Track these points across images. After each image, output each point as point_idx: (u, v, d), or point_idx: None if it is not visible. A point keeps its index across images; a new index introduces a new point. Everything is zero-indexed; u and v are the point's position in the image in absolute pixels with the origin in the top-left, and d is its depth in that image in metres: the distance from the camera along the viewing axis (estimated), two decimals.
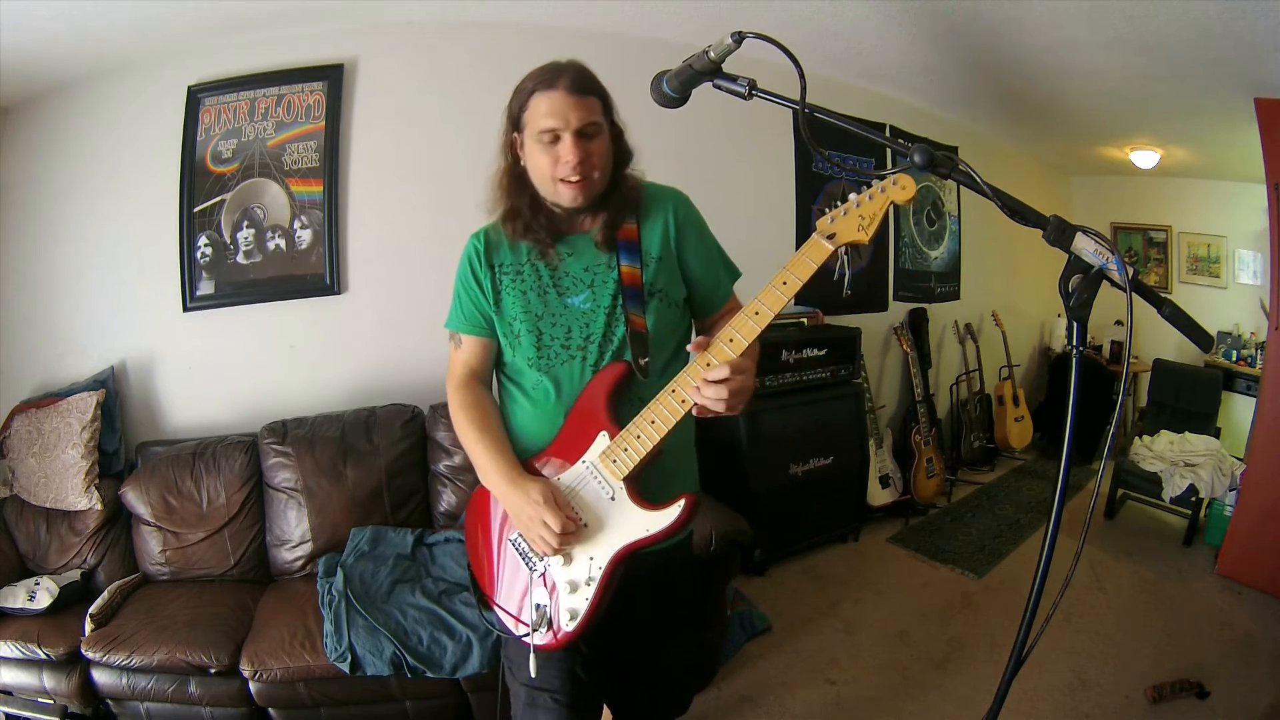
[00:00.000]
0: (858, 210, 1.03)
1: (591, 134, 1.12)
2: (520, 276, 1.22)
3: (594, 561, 1.14)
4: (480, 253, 1.24)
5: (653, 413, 1.11)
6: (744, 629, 2.55)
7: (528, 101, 1.12)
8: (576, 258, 1.21)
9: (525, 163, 1.17)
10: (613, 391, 1.16)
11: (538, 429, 1.22)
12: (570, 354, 1.19)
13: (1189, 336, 0.89)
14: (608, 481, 1.14)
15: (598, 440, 1.15)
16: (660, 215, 1.23)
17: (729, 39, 0.88)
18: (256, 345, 2.64)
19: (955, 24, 2.81)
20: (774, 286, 1.07)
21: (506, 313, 1.22)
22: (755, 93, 0.92)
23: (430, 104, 2.69)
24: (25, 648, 1.89)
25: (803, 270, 1.06)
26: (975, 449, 4.40)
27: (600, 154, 1.14)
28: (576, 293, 1.20)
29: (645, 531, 1.12)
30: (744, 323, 1.08)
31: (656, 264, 1.21)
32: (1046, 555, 0.93)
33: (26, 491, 2.27)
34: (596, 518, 1.14)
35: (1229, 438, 3.90)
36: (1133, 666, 2.36)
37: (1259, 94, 2.81)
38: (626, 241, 1.21)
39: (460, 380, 1.28)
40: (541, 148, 1.12)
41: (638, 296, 1.19)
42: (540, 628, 1.15)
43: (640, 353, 1.18)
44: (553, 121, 1.10)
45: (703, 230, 1.30)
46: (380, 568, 2.14)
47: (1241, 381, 4.19)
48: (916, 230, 4.17)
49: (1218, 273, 4.66)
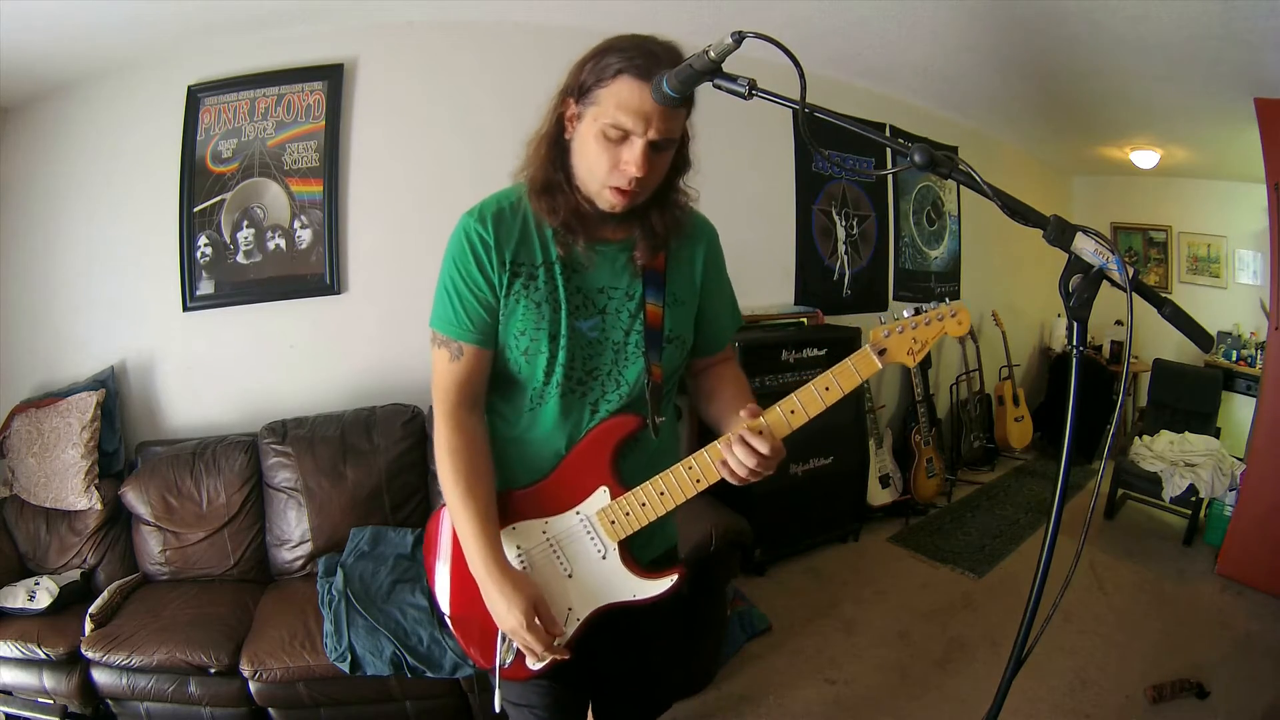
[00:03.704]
0: (913, 332, 1.03)
1: (664, 147, 0.97)
2: (534, 282, 1.03)
3: (571, 613, 1.09)
4: (487, 239, 1.01)
5: (664, 484, 1.05)
6: (744, 629, 2.55)
7: (609, 81, 0.93)
8: (595, 271, 1.05)
9: (573, 142, 1.00)
10: (619, 445, 1.07)
11: (524, 456, 1.11)
12: (571, 388, 1.06)
13: (1189, 336, 0.89)
14: (601, 539, 1.08)
15: (596, 495, 1.07)
16: (692, 251, 1.13)
17: (729, 39, 0.88)
18: (256, 345, 2.64)
19: (955, 24, 2.81)
20: (815, 389, 1.03)
21: (513, 326, 1.04)
22: (755, 92, 0.92)
23: (430, 103, 2.69)
24: (25, 648, 1.89)
25: (848, 382, 1.03)
26: (975, 449, 4.40)
27: (659, 172, 0.99)
28: (585, 316, 1.05)
29: (631, 596, 1.09)
30: (777, 417, 1.03)
31: (680, 308, 1.11)
32: (1046, 555, 0.93)
33: (26, 491, 2.27)
34: (582, 572, 1.09)
35: (1229, 438, 3.90)
36: (1133, 666, 2.36)
37: (1259, 94, 2.81)
38: (652, 273, 1.07)
39: (453, 406, 1.07)
40: (603, 142, 0.94)
41: (657, 342, 1.07)
42: (507, 660, 1.11)
43: (655, 408, 1.08)
44: (631, 122, 0.92)
45: (724, 273, 1.20)
46: (380, 568, 2.14)
47: (1241, 381, 4.19)
48: (916, 230, 4.17)
49: (1218, 273, 4.66)
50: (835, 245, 3.71)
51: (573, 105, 0.98)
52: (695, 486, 1.04)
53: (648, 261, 1.06)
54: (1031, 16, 2.61)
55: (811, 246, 3.60)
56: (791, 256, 3.56)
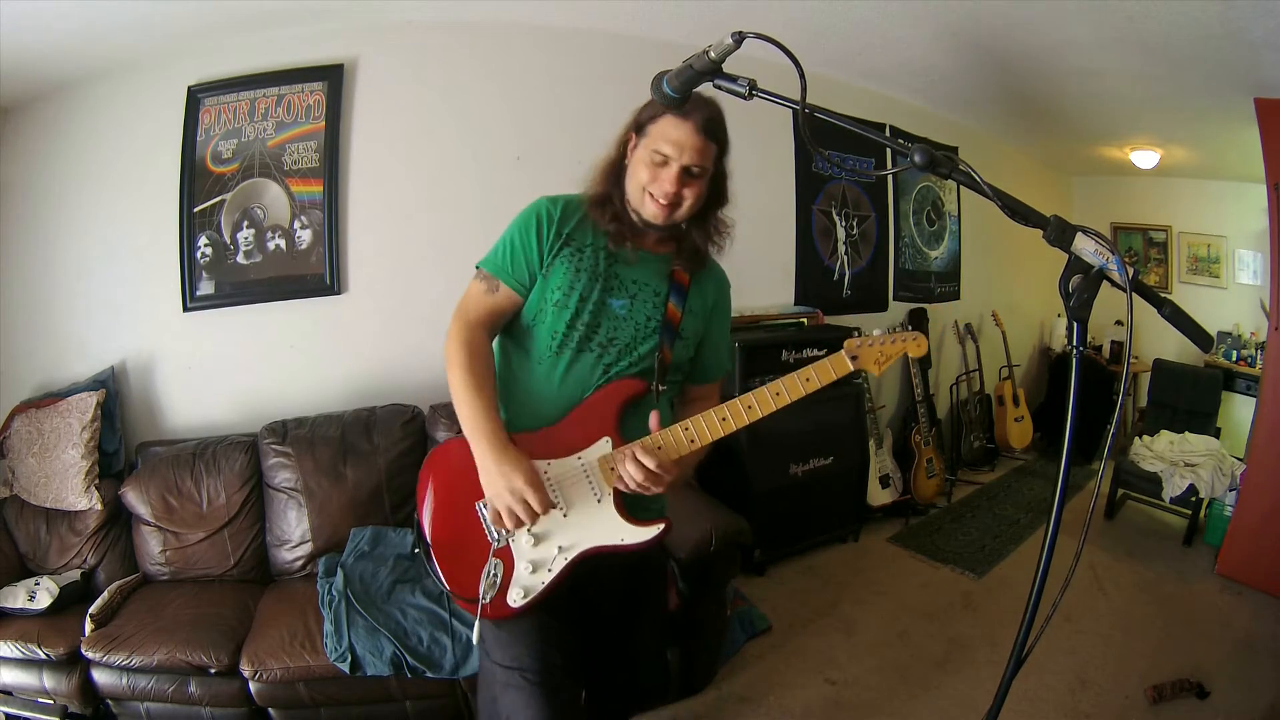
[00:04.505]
0: (880, 346, 1.23)
1: (697, 174, 1.19)
2: (581, 254, 1.24)
3: (563, 552, 1.19)
4: (554, 216, 1.25)
5: (661, 439, 1.19)
6: (744, 629, 2.55)
7: (659, 118, 1.17)
8: (634, 268, 1.26)
9: (629, 166, 1.23)
10: (626, 403, 1.21)
11: (532, 402, 1.24)
12: (590, 348, 1.22)
13: (1189, 336, 0.89)
14: (599, 485, 1.19)
15: (600, 444, 1.19)
16: (710, 285, 1.33)
17: (729, 39, 0.88)
18: (256, 345, 2.64)
19: (955, 24, 2.81)
20: (797, 378, 1.19)
21: (553, 280, 1.23)
22: (755, 93, 0.92)
23: (430, 104, 2.69)
24: (25, 648, 1.89)
25: (824, 375, 1.20)
26: (975, 449, 4.40)
27: (696, 193, 1.21)
28: (618, 295, 1.25)
29: (620, 540, 1.19)
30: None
31: (693, 319, 1.30)
32: (1046, 555, 0.94)
33: (26, 491, 2.27)
34: (578, 512, 1.19)
35: (1229, 438, 3.90)
36: (1133, 666, 2.36)
37: (1259, 94, 2.81)
38: (679, 285, 1.28)
39: (474, 322, 1.25)
40: (648, 164, 1.18)
41: (671, 332, 1.26)
42: (489, 595, 1.17)
43: (661, 378, 1.25)
44: (669, 150, 1.16)
45: (728, 317, 1.41)
46: (380, 568, 2.14)
47: (1241, 381, 4.19)
48: (916, 230, 4.17)
49: (1218, 273, 4.66)
50: (835, 245, 3.71)
51: (634, 138, 1.23)
52: (690, 446, 1.19)
53: (684, 270, 1.28)
54: (1032, 17, 2.61)
55: (811, 247, 3.61)
56: (791, 257, 3.56)
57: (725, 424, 1.18)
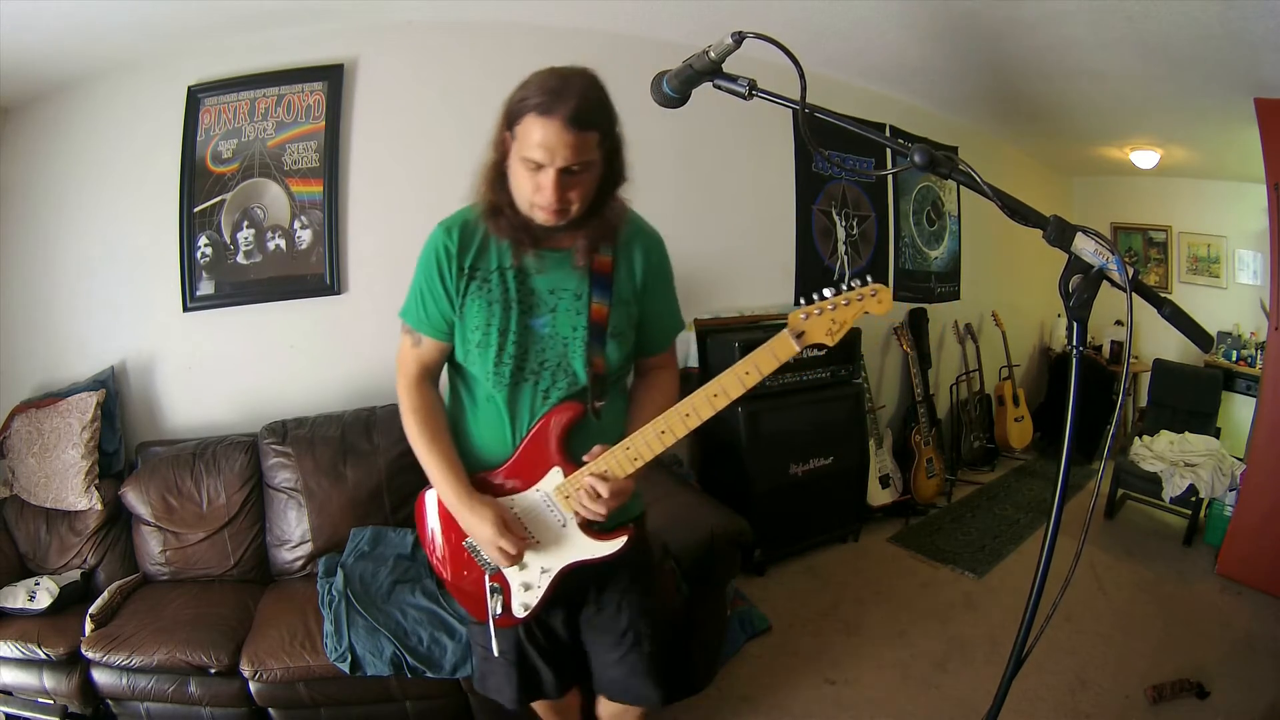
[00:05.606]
0: (831, 314, 1.07)
1: (578, 171, 1.07)
2: (488, 286, 1.18)
3: (546, 572, 1.26)
4: (451, 252, 1.18)
5: (605, 464, 1.17)
6: (744, 629, 2.55)
7: (521, 117, 1.06)
8: (546, 275, 1.19)
9: (510, 165, 1.12)
10: (567, 431, 1.21)
11: (486, 443, 1.25)
12: (525, 377, 1.20)
13: (1189, 336, 0.89)
14: (560, 511, 1.23)
15: (551, 474, 1.21)
16: (635, 254, 1.24)
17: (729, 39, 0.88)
18: (256, 345, 2.64)
19: (955, 24, 2.81)
20: (736, 374, 1.11)
21: (469, 322, 1.20)
22: (755, 93, 0.92)
23: (430, 104, 2.69)
24: (25, 648, 1.89)
25: (767, 364, 1.10)
26: (975, 449, 4.39)
27: (584, 189, 1.10)
28: (538, 314, 1.19)
29: (593, 554, 1.25)
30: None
31: (623, 307, 1.23)
32: (1046, 555, 0.94)
33: (26, 491, 2.27)
34: (548, 538, 1.25)
35: (1229, 438, 3.90)
36: (1133, 666, 2.36)
37: (1259, 94, 2.81)
38: (600, 275, 1.20)
39: (414, 379, 1.29)
40: (525, 170, 1.08)
41: (601, 336, 1.20)
42: (497, 611, 1.28)
43: (597, 395, 1.22)
44: (539, 156, 1.04)
45: (669, 281, 1.32)
46: (380, 568, 2.14)
47: (1241, 381, 4.19)
48: (916, 230, 4.17)
49: (1218, 273, 4.66)
50: (835, 245, 3.71)
51: (507, 134, 1.10)
52: (632, 465, 1.18)
53: (586, 263, 1.19)
54: (1032, 17, 2.61)
55: (811, 247, 3.60)
56: (791, 257, 3.56)
57: (664, 437, 1.14)
